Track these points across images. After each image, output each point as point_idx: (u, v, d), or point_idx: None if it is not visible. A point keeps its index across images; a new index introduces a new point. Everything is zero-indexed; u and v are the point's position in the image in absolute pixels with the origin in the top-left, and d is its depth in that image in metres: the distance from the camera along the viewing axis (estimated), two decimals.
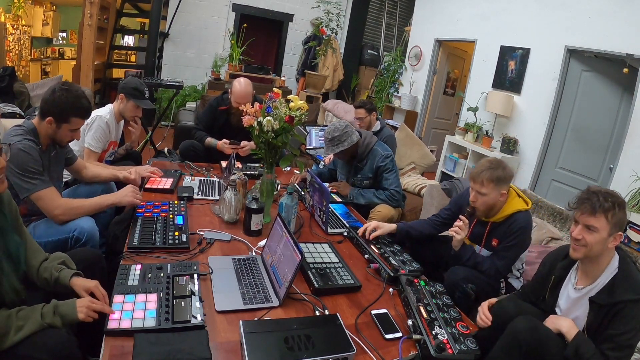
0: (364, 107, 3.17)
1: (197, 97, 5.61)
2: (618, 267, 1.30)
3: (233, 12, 6.11)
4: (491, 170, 1.72)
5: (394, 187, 2.42)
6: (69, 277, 1.20)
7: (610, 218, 1.26)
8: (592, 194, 1.30)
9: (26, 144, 1.51)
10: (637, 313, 1.23)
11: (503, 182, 1.73)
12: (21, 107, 3.50)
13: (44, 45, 6.93)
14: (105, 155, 2.38)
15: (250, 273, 1.47)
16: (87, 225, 1.60)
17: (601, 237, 1.27)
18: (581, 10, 3.77)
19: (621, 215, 1.26)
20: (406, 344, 1.26)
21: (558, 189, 4.04)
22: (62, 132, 1.62)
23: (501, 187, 1.73)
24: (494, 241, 1.82)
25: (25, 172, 1.49)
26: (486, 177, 1.71)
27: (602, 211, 1.26)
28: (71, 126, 1.62)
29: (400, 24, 7.04)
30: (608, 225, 1.26)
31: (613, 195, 1.29)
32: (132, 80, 2.39)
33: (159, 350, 1.00)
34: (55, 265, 1.23)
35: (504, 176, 1.73)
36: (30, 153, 1.51)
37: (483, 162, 1.79)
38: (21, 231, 1.24)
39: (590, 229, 1.28)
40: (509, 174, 1.75)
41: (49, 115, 1.57)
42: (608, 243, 1.28)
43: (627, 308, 1.22)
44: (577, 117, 3.93)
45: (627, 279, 1.27)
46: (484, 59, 4.85)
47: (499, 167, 1.74)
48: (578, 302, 1.37)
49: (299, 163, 2.08)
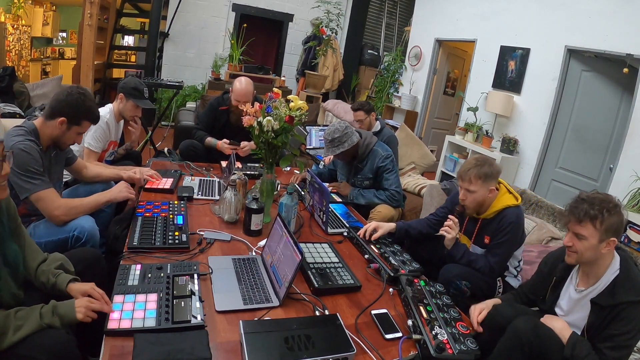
0: (362, 109, 3.13)
1: (197, 97, 5.61)
2: (619, 268, 1.30)
3: (233, 12, 6.11)
4: (478, 167, 1.74)
5: (394, 188, 2.42)
6: (66, 283, 1.20)
7: (599, 225, 1.25)
8: (580, 201, 1.30)
9: (27, 144, 1.51)
10: (637, 314, 1.23)
11: (491, 178, 1.75)
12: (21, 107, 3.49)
13: (44, 45, 6.93)
14: (105, 155, 2.38)
15: (250, 273, 1.47)
16: (88, 224, 1.60)
17: (591, 244, 1.27)
18: (581, 10, 3.77)
19: (613, 220, 1.25)
20: (406, 344, 1.26)
21: (558, 189, 4.04)
22: (70, 134, 1.65)
23: (489, 183, 1.75)
24: (485, 238, 1.83)
25: (25, 173, 1.49)
26: (473, 174, 1.73)
27: (588, 219, 1.27)
28: (80, 129, 1.67)
29: (400, 24, 7.04)
30: (597, 232, 1.26)
31: (603, 201, 1.27)
32: (132, 80, 2.39)
33: (159, 350, 1.00)
34: (52, 270, 1.23)
35: (491, 172, 1.75)
36: (31, 153, 1.51)
37: (469, 160, 1.81)
38: (20, 236, 1.23)
39: (579, 237, 1.29)
40: (496, 169, 1.77)
41: (62, 115, 1.60)
42: (600, 249, 1.28)
43: (628, 309, 1.22)
44: (577, 117, 3.93)
45: (629, 281, 1.27)
46: (484, 59, 4.85)
47: (485, 164, 1.76)
48: (579, 304, 1.37)
49: (299, 163, 2.08)
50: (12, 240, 1.17)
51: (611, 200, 1.28)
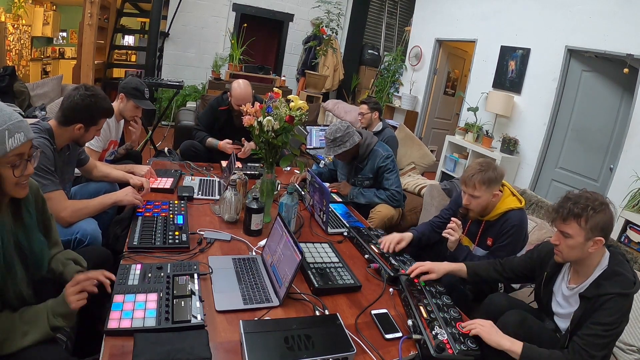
0: (367, 104, 3.23)
1: (197, 97, 5.61)
2: (608, 264, 1.31)
3: (233, 12, 6.11)
4: (482, 172, 1.73)
5: (394, 187, 2.42)
6: (72, 275, 1.19)
7: (583, 224, 1.25)
8: (566, 200, 1.31)
9: (41, 142, 1.53)
10: (621, 307, 1.22)
11: (495, 182, 1.74)
12: (21, 107, 3.50)
13: (44, 44, 6.92)
14: (106, 154, 2.38)
15: (250, 273, 1.47)
16: (90, 227, 1.60)
17: (576, 243, 1.27)
18: (581, 10, 3.77)
19: (598, 218, 1.24)
20: (406, 344, 1.26)
21: (558, 189, 4.04)
22: (89, 134, 1.70)
23: (493, 188, 1.75)
24: (488, 240, 1.83)
25: (37, 171, 1.50)
26: (477, 179, 1.72)
27: (572, 217, 1.27)
28: (98, 127, 1.72)
29: (401, 24, 7.04)
30: (582, 230, 1.25)
31: (589, 199, 1.27)
32: (133, 80, 2.39)
33: (159, 350, 1.00)
34: (63, 260, 1.24)
35: (495, 177, 1.74)
36: (44, 151, 1.52)
37: (473, 165, 1.80)
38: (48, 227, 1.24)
39: (565, 235, 1.29)
40: (499, 174, 1.77)
41: (78, 122, 1.62)
42: (587, 247, 1.27)
43: (612, 301, 1.21)
44: (577, 117, 3.93)
45: (616, 274, 1.27)
46: (484, 59, 4.85)
47: (489, 169, 1.75)
48: (571, 300, 1.38)
49: (299, 163, 2.07)
50: (39, 232, 1.17)
51: (597, 199, 1.28)
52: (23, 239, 1.10)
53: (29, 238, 1.12)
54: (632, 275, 1.27)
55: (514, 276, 1.60)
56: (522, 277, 1.61)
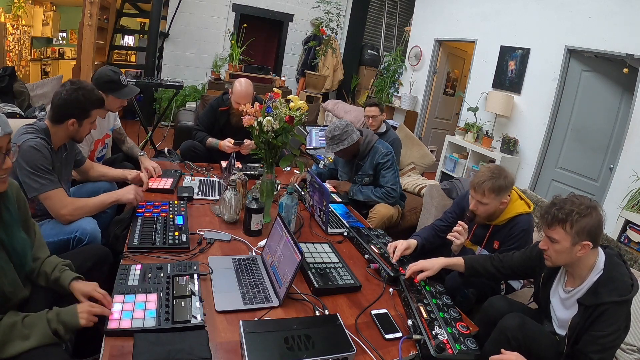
0: (378, 106, 3.11)
1: (197, 97, 5.61)
2: (603, 268, 1.29)
3: (233, 12, 6.11)
4: (493, 180, 1.69)
5: (390, 185, 2.42)
6: (69, 280, 1.20)
7: (569, 228, 1.25)
8: (551, 205, 1.31)
9: (38, 142, 1.52)
10: (621, 314, 1.22)
11: (504, 191, 1.72)
12: (21, 107, 3.49)
13: (44, 45, 6.93)
14: (95, 154, 2.35)
15: (250, 273, 1.47)
16: (90, 226, 1.60)
17: (563, 248, 1.27)
18: (581, 10, 3.77)
19: (584, 222, 1.23)
20: (406, 344, 1.26)
21: (558, 189, 4.04)
22: (83, 128, 1.68)
23: (502, 196, 1.72)
24: (495, 243, 1.82)
25: (35, 170, 1.50)
26: (488, 187, 1.69)
27: (556, 223, 1.27)
28: (91, 119, 1.69)
29: (400, 24, 7.04)
30: (568, 235, 1.25)
31: (574, 204, 1.26)
32: (103, 72, 2.11)
33: (159, 350, 1.00)
34: (59, 266, 1.23)
35: (505, 185, 1.71)
36: (41, 151, 1.52)
37: (484, 171, 1.75)
38: (29, 228, 1.23)
39: (552, 240, 1.29)
40: (510, 182, 1.73)
41: (69, 117, 1.61)
42: (575, 252, 1.27)
43: (611, 309, 1.21)
44: (577, 117, 3.93)
45: (612, 281, 1.26)
46: (484, 59, 4.85)
47: (500, 176, 1.71)
48: (568, 303, 1.38)
49: (299, 163, 2.07)
50: (20, 229, 1.17)
51: (583, 203, 1.26)
52: (3, 235, 1.10)
53: (9, 234, 1.12)
54: (628, 277, 1.27)
55: (512, 273, 1.59)
56: (521, 274, 1.61)
